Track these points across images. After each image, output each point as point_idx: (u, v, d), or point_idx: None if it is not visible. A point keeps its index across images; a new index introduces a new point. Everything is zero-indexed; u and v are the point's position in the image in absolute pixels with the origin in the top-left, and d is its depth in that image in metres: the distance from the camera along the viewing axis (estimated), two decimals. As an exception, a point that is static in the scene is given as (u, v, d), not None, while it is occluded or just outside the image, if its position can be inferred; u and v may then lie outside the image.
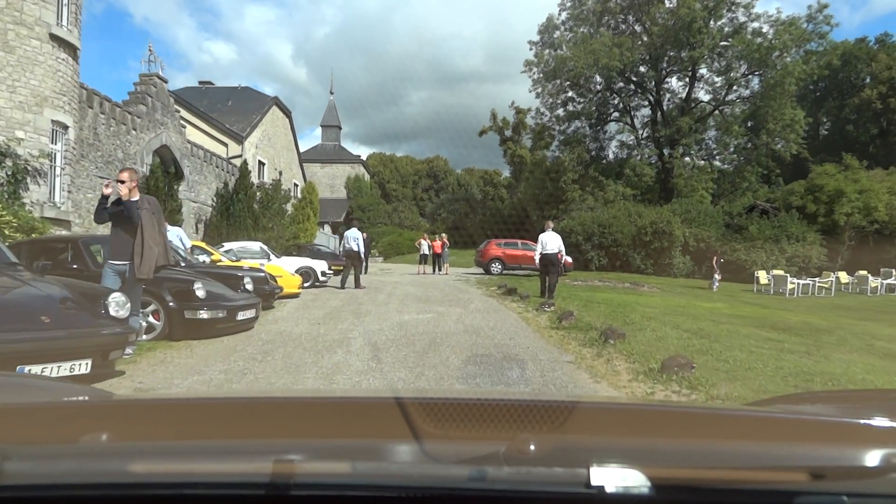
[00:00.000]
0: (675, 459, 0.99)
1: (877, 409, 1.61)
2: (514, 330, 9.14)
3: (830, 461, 0.98)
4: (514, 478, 0.84)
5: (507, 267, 25.73)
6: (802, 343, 9.15)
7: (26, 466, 0.88)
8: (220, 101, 33.47)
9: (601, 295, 16.00)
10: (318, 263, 16.66)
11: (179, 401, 1.73)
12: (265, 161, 32.20)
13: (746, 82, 45.31)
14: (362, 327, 9.14)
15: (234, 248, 15.78)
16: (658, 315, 11.45)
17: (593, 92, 48.60)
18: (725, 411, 1.86)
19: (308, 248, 23.84)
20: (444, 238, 26.40)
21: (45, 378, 3.67)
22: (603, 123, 49.76)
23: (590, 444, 1.06)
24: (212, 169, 25.57)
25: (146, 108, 20.02)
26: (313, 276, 16.30)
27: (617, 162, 48.33)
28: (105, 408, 1.36)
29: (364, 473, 0.90)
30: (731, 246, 26.99)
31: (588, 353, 7.24)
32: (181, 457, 0.97)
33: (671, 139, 45.92)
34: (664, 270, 27.91)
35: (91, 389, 2.17)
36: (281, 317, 10.39)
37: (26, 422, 1.19)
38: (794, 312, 15.35)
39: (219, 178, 25.67)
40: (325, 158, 53.29)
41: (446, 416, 1.14)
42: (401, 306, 12.03)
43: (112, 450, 1.05)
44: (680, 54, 45.63)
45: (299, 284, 13.60)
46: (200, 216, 23.91)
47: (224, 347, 7.27)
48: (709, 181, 42.80)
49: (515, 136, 64.56)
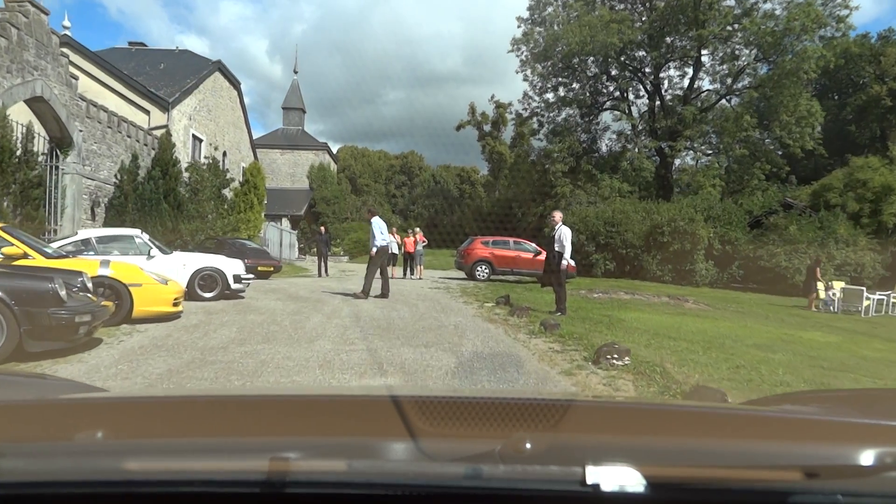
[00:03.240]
0: (671, 458, 0.98)
1: (871, 408, 1.62)
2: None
3: (825, 460, 0.98)
4: (509, 476, 0.83)
5: (497, 271, 20.59)
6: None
7: (21, 464, 0.88)
8: (150, 63, 27.67)
9: (645, 317, 10.95)
10: (230, 264, 11.27)
11: (175, 398, 1.67)
12: (202, 137, 26.50)
13: (754, 70, 40.97)
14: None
15: (93, 237, 10.27)
16: (795, 365, 6.36)
17: (587, 76, 43.78)
18: (720, 410, 1.78)
19: (230, 243, 18.39)
20: (418, 234, 21.09)
21: (39, 375, 2.85)
22: (597, 112, 44.93)
23: (585, 442, 1.06)
24: (121, 139, 19.88)
25: (7, 43, 14.34)
26: (221, 282, 10.90)
27: (611, 155, 43.63)
28: (100, 405, 1.36)
29: (360, 471, 0.88)
30: (767, 250, 22.17)
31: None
32: (177, 454, 0.96)
33: (672, 131, 41.35)
34: (685, 278, 23.02)
35: (86, 386, 2.01)
36: (75, 372, 5.06)
37: (21, 419, 1.17)
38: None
39: (132, 151, 19.98)
40: (286, 144, 47.43)
41: (442, 414, 1.12)
42: (338, 348, 6.66)
43: (107, 447, 1.04)
44: (683, 37, 41.10)
45: (175, 299, 8.18)
46: (99, 197, 18.22)
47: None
48: (716, 177, 38.20)
49: (495, 131, 59.93)
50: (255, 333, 7.46)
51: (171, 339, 6.94)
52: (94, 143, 18.28)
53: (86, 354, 5.92)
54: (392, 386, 5.01)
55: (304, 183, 46.51)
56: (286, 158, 46.98)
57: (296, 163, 46.99)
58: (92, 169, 18.15)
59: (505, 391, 4.43)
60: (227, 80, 29.64)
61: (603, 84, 45.05)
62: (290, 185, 46.09)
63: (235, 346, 6.54)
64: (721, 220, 24.04)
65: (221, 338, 7.07)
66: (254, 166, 24.30)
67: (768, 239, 22.58)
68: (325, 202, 45.72)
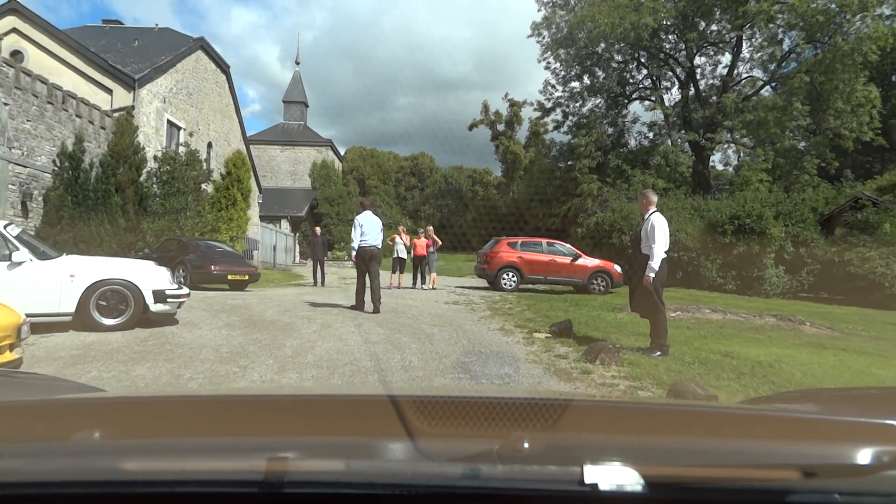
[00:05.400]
0: (668, 457, 0.98)
1: (869, 407, 1.61)
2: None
3: (822, 459, 0.98)
4: (508, 475, 0.83)
5: (526, 279, 16.77)
6: None
7: (19, 464, 0.87)
8: (122, 41, 24.14)
9: (781, 353, 7.13)
10: (150, 275, 7.49)
11: (173, 398, 1.63)
12: (181, 124, 22.86)
13: (798, 55, 36.94)
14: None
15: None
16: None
17: (615, 64, 39.92)
18: (718, 410, 1.72)
19: (194, 245, 14.65)
20: (430, 234, 17.29)
21: (37, 375, 2.55)
22: (625, 103, 41.02)
23: (583, 442, 1.06)
24: (67, 118, 16.26)
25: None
26: (134, 301, 7.15)
27: (642, 149, 39.67)
28: (98, 405, 1.34)
29: (358, 471, 0.88)
30: (857, 252, 18.13)
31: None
32: (174, 454, 0.96)
33: (708, 122, 37.44)
34: (751, 286, 19.05)
35: (83, 386, 1.93)
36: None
37: (18, 419, 1.16)
38: None
39: (80, 133, 16.35)
40: (287, 140, 43.80)
41: (440, 413, 1.11)
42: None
43: (105, 447, 1.03)
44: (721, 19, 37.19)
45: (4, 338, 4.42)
46: (32, 188, 14.59)
47: None
48: (763, 171, 34.16)
49: (509, 130, 56.38)
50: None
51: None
52: (26, 120, 14.65)
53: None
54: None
55: (306, 182, 42.89)
56: (286, 155, 43.36)
57: (296, 160, 43.35)
58: (24, 154, 14.53)
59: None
60: (212, 61, 26.01)
61: (630, 73, 41.30)
62: (291, 184, 42.47)
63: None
64: (792, 217, 20.03)
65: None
66: (237, 156, 20.62)
67: (858, 240, 18.54)
68: (329, 202, 42.09)
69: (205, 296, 11.95)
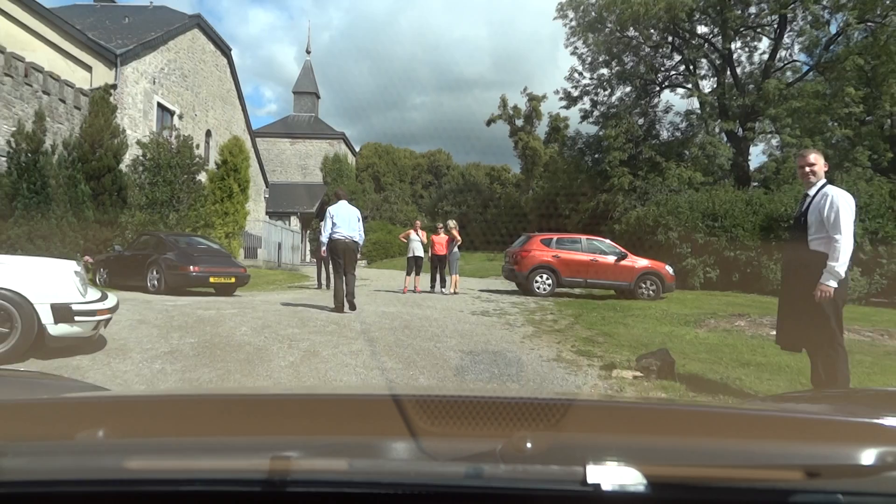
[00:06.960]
0: (672, 457, 0.97)
1: (873, 407, 1.59)
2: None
3: (826, 459, 0.97)
4: (510, 475, 0.83)
5: (562, 281, 14.28)
6: None
7: (23, 462, 0.87)
8: (112, 18, 22.00)
9: None
10: (52, 281, 5.12)
11: (176, 397, 1.60)
12: (174, 108, 20.63)
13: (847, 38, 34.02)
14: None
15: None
16: None
17: (646, 49, 37.18)
18: (721, 410, 1.66)
19: (172, 241, 12.34)
20: (453, 230, 14.82)
21: (41, 374, 2.62)
22: (657, 91, 38.27)
23: (586, 441, 1.05)
24: (31, 94, 14.07)
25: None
26: (21, 322, 4.81)
27: (676, 141, 36.92)
28: (102, 404, 1.33)
29: (361, 470, 0.88)
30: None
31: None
32: (178, 453, 0.96)
33: (748, 110, 34.65)
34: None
35: (88, 385, 1.90)
36: None
37: (23, 418, 1.15)
38: None
39: (44, 113, 14.14)
40: (297, 133, 41.58)
41: (443, 413, 1.10)
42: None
43: (109, 446, 1.03)
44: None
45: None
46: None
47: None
48: (813, 162, 31.26)
49: (528, 126, 53.77)
50: None
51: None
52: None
53: None
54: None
55: (317, 176, 40.66)
56: (296, 149, 41.16)
57: (307, 154, 41.14)
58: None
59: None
60: (211, 41, 23.76)
61: (662, 59, 38.55)
62: (301, 179, 40.28)
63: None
64: (869, 210, 17.36)
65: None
66: (234, 142, 18.35)
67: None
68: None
69: (175, 304, 9.64)
